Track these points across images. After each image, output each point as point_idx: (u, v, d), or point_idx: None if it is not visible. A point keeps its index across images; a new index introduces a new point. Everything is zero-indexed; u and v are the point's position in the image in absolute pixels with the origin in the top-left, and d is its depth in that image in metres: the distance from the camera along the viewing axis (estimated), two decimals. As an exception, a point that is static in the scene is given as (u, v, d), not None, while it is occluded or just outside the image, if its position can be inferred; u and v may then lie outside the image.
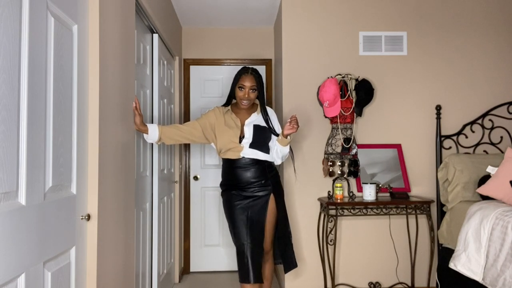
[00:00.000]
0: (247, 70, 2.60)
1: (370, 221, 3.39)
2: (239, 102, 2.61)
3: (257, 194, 2.56)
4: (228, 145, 2.57)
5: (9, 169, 1.18)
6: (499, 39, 3.52)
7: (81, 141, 1.69)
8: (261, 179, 2.57)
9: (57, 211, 1.47)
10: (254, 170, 2.56)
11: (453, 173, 3.13)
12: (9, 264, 1.17)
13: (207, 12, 3.82)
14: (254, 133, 2.57)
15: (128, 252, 2.22)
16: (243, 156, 2.56)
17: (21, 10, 1.26)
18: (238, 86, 2.58)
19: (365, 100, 3.32)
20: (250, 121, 2.63)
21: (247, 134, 2.58)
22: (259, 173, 2.57)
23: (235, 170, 2.59)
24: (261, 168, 2.58)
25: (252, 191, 2.56)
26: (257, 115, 2.66)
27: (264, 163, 2.60)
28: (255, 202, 2.55)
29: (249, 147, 2.56)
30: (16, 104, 1.22)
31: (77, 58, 1.65)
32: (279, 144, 2.56)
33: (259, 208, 2.55)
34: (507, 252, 2.31)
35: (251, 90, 2.56)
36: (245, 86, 2.55)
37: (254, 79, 2.56)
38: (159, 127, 2.52)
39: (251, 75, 2.57)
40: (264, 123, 2.63)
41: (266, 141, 2.61)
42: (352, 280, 3.37)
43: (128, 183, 2.23)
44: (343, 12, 3.47)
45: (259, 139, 2.58)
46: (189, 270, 4.20)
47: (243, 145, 2.56)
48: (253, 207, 2.54)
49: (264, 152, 2.59)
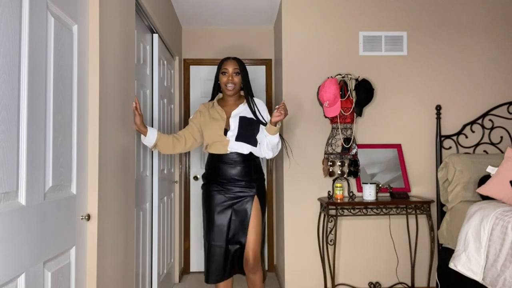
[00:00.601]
0: (229, 57, 2.58)
1: (370, 221, 3.39)
2: (224, 89, 2.54)
3: (240, 195, 2.46)
4: (214, 138, 2.48)
5: (9, 169, 1.18)
6: (499, 39, 3.52)
7: (81, 141, 1.69)
8: (245, 179, 2.47)
9: (57, 211, 1.47)
10: (240, 169, 2.46)
11: (453, 173, 3.13)
12: (9, 264, 1.17)
13: (207, 12, 3.83)
14: (240, 125, 2.47)
15: (128, 252, 2.22)
16: (230, 151, 2.47)
17: (21, 10, 1.26)
18: (221, 72, 2.53)
19: (365, 100, 3.32)
20: (237, 113, 2.52)
21: (232, 126, 2.48)
22: (245, 173, 2.47)
23: (220, 165, 2.48)
24: (248, 168, 2.48)
25: (235, 191, 2.46)
26: (243, 106, 2.55)
27: (252, 162, 2.51)
28: (238, 204, 2.45)
29: (235, 140, 2.45)
30: (16, 104, 1.22)
31: (77, 58, 1.65)
32: (268, 133, 2.39)
33: (242, 211, 2.45)
34: (507, 252, 2.31)
35: (234, 73, 2.51)
36: (227, 70, 2.51)
37: (236, 63, 2.53)
38: (159, 133, 2.47)
39: (233, 60, 2.55)
40: (251, 115, 2.51)
41: (253, 133, 2.49)
42: (352, 280, 3.37)
43: (128, 183, 2.23)
44: (343, 12, 3.47)
45: (246, 131, 2.47)
46: (189, 270, 4.20)
47: (229, 138, 2.46)
48: (236, 209, 2.45)
49: (252, 145, 2.48)
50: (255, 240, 2.45)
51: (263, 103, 2.63)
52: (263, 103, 2.63)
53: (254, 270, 2.46)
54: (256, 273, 2.49)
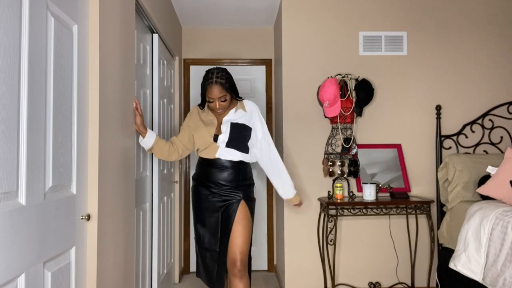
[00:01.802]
0: (211, 78, 2.34)
1: (370, 221, 3.39)
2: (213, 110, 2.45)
3: (226, 198, 2.41)
4: (204, 144, 2.43)
5: (9, 169, 1.18)
6: (500, 38, 3.52)
7: (81, 141, 1.69)
8: (232, 184, 2.41)
9: (57, 211, 1.47)
10: (227, 174, 2.41)
11: (453, 173, 3.13)
12: (9, 264, 1.17)
13: (207, 12, 3.82)
14: (231, 131, 2.41)
15: (128, 252, 2.22)
16: (218, 157, 2.41)
17: (21, 10, 1.26)
18: (207, 100, 2.40)
19: (365, 100, 3.32)
20: (228, 119, 2.45)
21: (223, 132, 2.42)
22: (232, 178, 2.41)
23: (209, 169, 2.44)
24: (236, 173, 2.43)
25: (221, 194, 2.41)
26: (235, 113, 2.47)
27: (240, 168, 2.45)
28: (224, 208, 2.41)
29: (226, 146, 2.40)
30: (16, 104, 1.22)
31: (77, 58, 1.65)
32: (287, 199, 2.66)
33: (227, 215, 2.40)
34: (507, 252, 2.31)
35: (221, 100, 2.36)
36: (214, 99, 2.35)
37: (221, 87, 2.33)
38: (157, 137, 2.47)
39: (216, 84, 2.32)
40: (243, 121, 2.45)
41: (245, 139, 2.45)
42: (352, 280, 3.37)
43: (128, 183, 2.23)
44: (343, 12, 3.47)
45: (237, 137, 2.41)
46: (189, 270, 4.19)
47: (219, 145, 2.41)
48: (222, 213, 2.41)
49: (242, 151, 2.43)
50: (243, 244, 2.37)
51: (254, 105, 2.55)
52: (254, 105, 2.55)
53: (241, 275, 2.36)
54: (242, 279, 2.37)
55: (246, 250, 2.39)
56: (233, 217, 2.39)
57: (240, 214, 2.40)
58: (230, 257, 2.38)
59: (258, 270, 4.21)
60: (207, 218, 2.44)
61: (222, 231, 2.41)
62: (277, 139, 3.72)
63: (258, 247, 4.19)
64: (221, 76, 2.35)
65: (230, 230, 2.39)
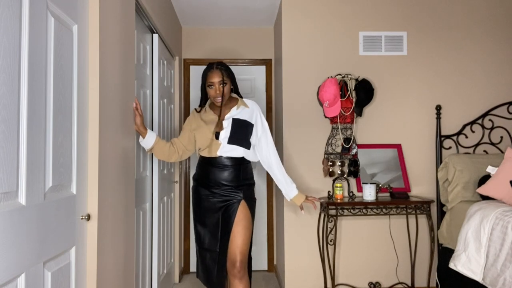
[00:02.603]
0: (212, 65, 2.43)
1: (370, 221, 3.39)
2: (213, 101, 2.46)
3: (227, 199, 2.40)
4: (206, 142, 2.42)
5: (9, 169, 1.18)
6: (500, 39, 3.52)
7: (81, 141, 1.69)
8: (232, 184, 2.41)
9: (57, 211, 1.47)
10: (228, 173, 2.40)
11: (453, 173, 3.13)
12: (9, 264, 1.17)
13: (207, 12, 3.82)
14: (232, 127, 2.41)
15: (128, 252, 2.22)
16: (220, 155, 2.41)
17: (21, 10, 1.26)
18: (207, 85, 2.43)
19: (365, 100, 3.32)
20: (229, 116, 2.45)
21: (225, 128, 2.42)
22: (232, 177, 2.41)
23: (209, 168, 2.43)
24: (236, 172, 2.42)
25: (222, 194, 2.41)
26: (236, 110, 2.47)
27: (241, 167, 2.44)
28: (224, 208, 2.40)
29: (228, 142, 2.40)
30: (16, 104, 1.22)
31: (77, 58, 1.65)
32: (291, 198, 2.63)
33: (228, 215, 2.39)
34: (507, 252, 2.31)
35: (221, 84, 2.39)
36: (214, 83, 2.39)
37: (221, 72, 2.40)
38: (157, 137, 2.47)
39: (217, 70, 2.40)
40: (245, 117, 2.46)
41: (246, 135, 2.45)
42: (352, 280, 3.37)
43: (128, 183, 2.23)
44: (343, 12, 3.47)
45: (239, 133, 2.42)
46: (189, 270, 4.20)
47: (221, 141, 2.41)
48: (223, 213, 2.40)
49: (244, 147, 2.43)
50: (242, 244, 2.36)
51: (255, 104, 2.56)
52: (255, 104, 2.56)
53: (240, 275, 2.35)
54: (242, 280, 2.36)
55: (245, 250, 2.38)
56: (233, 217, 2.38)
57: (241, 214, 2.39)
58: (229, 257, 2.37)
59: (258, 270, 4.21)
60: (207, 219, 2.44)
61: (223, 231, 2.40)
62: (277, 139, 3.72)
63: (258, 247, 4.19)
64: (222, 64, 2.47)
65: (230, 230, 2.38)
